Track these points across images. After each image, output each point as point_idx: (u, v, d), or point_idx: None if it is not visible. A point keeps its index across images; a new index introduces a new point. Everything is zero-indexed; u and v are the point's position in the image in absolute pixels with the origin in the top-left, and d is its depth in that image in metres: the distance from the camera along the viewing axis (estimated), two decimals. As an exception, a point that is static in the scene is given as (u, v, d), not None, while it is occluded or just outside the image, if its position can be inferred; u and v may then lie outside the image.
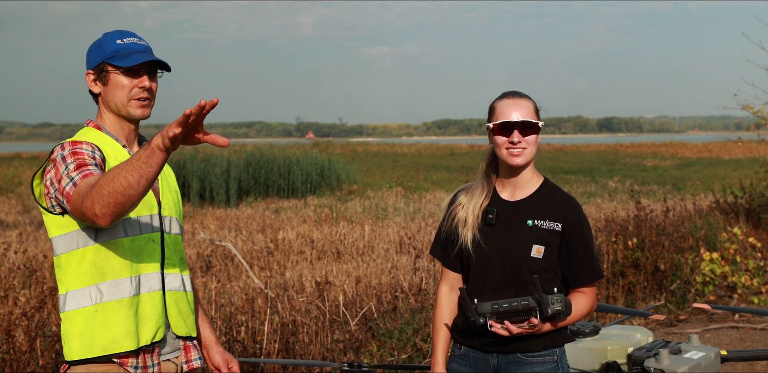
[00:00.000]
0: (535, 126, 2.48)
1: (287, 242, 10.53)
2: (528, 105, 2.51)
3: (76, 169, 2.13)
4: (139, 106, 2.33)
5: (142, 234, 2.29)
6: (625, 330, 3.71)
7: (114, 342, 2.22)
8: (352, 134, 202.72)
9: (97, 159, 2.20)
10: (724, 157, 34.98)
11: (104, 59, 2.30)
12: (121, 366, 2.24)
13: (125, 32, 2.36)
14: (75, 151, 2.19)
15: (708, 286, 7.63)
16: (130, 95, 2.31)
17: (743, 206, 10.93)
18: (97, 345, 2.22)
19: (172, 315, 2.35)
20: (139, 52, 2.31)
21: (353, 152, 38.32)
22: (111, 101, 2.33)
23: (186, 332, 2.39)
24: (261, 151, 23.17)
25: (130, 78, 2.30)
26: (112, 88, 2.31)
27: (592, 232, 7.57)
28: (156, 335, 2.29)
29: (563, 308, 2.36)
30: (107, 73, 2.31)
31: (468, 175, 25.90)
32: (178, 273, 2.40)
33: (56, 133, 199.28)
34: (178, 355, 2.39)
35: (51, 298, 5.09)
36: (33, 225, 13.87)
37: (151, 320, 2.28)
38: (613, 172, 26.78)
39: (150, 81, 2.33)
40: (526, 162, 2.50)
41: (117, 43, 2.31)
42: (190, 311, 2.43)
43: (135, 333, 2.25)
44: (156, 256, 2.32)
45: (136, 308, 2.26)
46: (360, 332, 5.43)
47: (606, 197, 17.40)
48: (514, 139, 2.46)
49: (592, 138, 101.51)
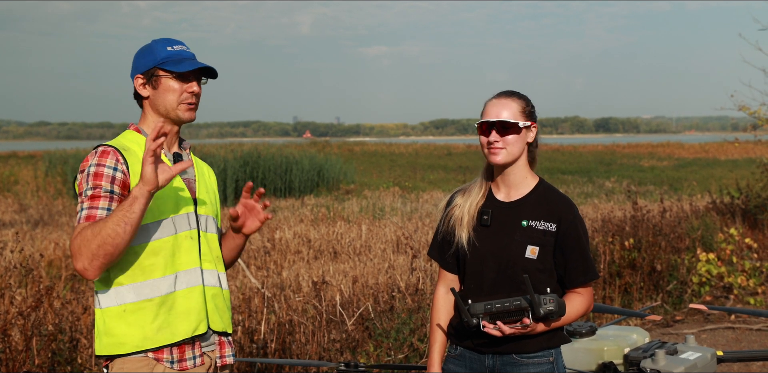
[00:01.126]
0: (514, 126, 2.48)
1: (284, 241, 10.53)
2: (513, 105, 2.51)
3: (90, 199, 2.28)
4: (188, 110, 2.45)
5: (179, 233, 2.39)
6: (621, 331, 3.72)
7: (146, 339, 2.30)
8: (350, 134, 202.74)
9: (117, 179, 2.31)
10: (720, 158, 35.03)
11: (155, 64, 2.43)
12: (157, 361, 2.32)
13: (173, 40, 2.49)
14: (97, 172, 2.30)
15: (704, 286, 7.65)
16: (180, 99, 2.44)
17: (740, 207, 10.95)
18: (128, 343, 2.30)
19: (210, 310, 2.43)
20: (189, 59, 2.45)
21: (350, 152, 38.31)
22: (161, 105, 2.44)
23: (222, 327, 2.47)
24: (258, 150, 23.16)
25: (180, 83, 2.43)
26: (162, 92, 2.43)
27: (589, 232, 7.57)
28: (197, 329, 2.37)
29: (556, 308, 2.35)
30: (158, 77, 2.43)
31: (465, 175, 25.93)
32: (215, 270, 2.48)
33: (53, 132, 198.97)
34: (213, 349, 2.46)
35: (47, 297, 5.09)
36: (29, 224, 13.85)
37: (190, 315, 2.36)
38: (610, 173, 26.82)
39: (197, 87, 2.47)
40: (505, 161, 2.50)
41: (168, 50, 2.44)
42: (226, 307, 2.51)
43: (169, 328, 2.32)
44: (194, 252, 2.41)
45: (171, 304, 2.33)
46: (357, 332, 5.43)
47: (603, 197, 17.43)
48: (491, 138, 2.49)
49: (589, 138, 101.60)
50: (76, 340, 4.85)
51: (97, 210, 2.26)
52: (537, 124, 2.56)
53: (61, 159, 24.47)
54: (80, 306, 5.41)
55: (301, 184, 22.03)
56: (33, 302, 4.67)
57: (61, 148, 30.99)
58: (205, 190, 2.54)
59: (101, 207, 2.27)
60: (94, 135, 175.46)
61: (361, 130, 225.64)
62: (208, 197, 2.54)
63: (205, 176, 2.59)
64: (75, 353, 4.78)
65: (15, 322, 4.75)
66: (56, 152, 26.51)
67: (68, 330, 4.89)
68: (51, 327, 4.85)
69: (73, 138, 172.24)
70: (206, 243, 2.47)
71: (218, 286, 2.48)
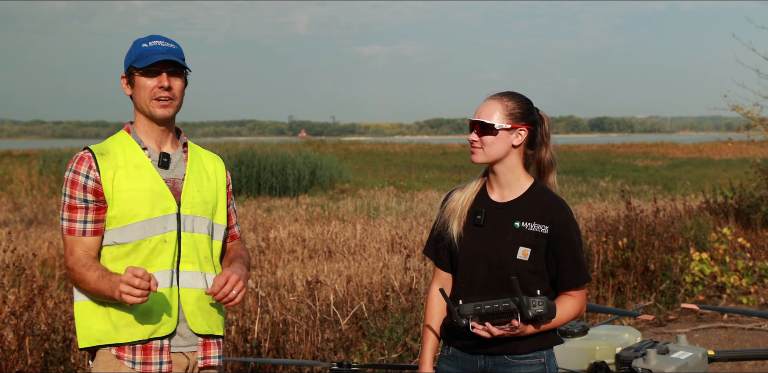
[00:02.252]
0: (490, 127, 2.48)
1: (279, 240, 10.52)
2: (497, 106, 2.50)
3: (68, 210, 2.39)
4: (160, 106, 2.41)
5: (152, 236, 2.37)
6: (613, 330, 3.73)
7: (106, 334, 2.33)
8: (345, 133, 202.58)
9: (88, 188, 2.37)
10: (714, 158, 35.11)
11: (131, 62, 2.42)
12: (118, 358, 2.33)
13: (154, 36, 2.47)
14: (73, 180, 2.38)
15: (697, 286, 7.67)
16: (151, 95, 2.40)
17: (733, 207, 10.99)
18: (92, 336, 2.35)
19: (189, 312, 2.40)
20: (159, 53, 2.40)
21: (345, 151, 38.30)
22: (138, 103, 2.44)
23: (206, 330, 2.43)
24: (253, 149, 23.13)
25: (151, 78, 2.40)
26: (138, 90, 2.43)
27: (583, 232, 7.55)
28: (157, 331, 2.34)
29: (545, 310, 2.33)
30: (133, 75, 2.42)
31: (460, 174, 25.94)
32: (199, 272, 2.43)
33: (48, 130, 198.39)
34: (194, 350, 2.43)
35: (40, 297, 5.08)
36: (23, 223, 13.81)
37: (151, 317, 2.34)
38: (605, 172, 26.85)
39: (171, 80, 2.41)
40: (481, 161, 2.51)
41: (142, 47, 2.42)
42: (213, 309, 2.46)
43: (127, 328, 2.32)
44: (166, 255, 2.38)
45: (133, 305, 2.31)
46: (350, 332, 5.44)
47: (597, 196, 17.45)
48: (470, 137, 2.51)
49: (583, 138, 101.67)
50: (69, 339, 4.84)
51: (76, 224, 2.37)
52: (534, 126, 2.52)
53: (55, 158, 24.40)
54: (73, 306, 5.39)
55: (296, 183, 22.00)
56: (26, 302, 4.66)
57: (55, 147, 30.94)
58: (197, 189, 2.47)
59: (78, 220, 2.37)
60: (89, 134, 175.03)
61: (357, 129, 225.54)
62: (200, 196, 2.47)
63: (204, 173, 2.52)
64: (68, 352, 4.78)
65: (8, 321, 4.74)
66: (51, 151, 26.46)
67: (61, 330, 4.88)
68: (44, 327, 4.85)
69: (68, 137, 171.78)
70: (191, 244, 2.42)
71: (203, 287, 2.43)
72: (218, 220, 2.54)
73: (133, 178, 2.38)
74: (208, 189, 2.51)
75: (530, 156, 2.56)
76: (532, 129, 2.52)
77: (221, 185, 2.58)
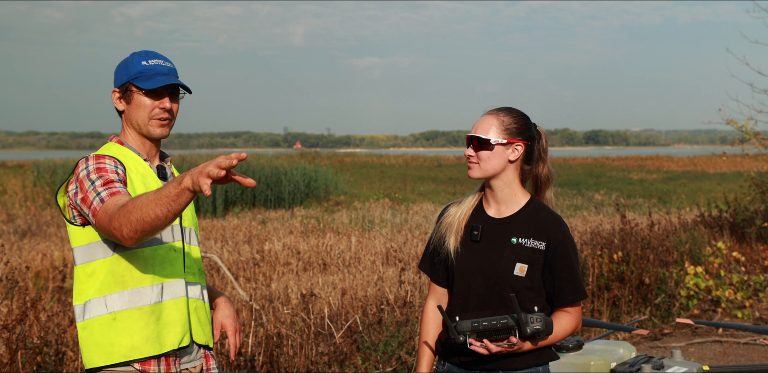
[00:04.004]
0: (486, 142, 2.48)
1: (273, 253, 10.50)
2: (494, 122, 2.50)
3: (104, 186, 2.21)
4: (159, 126, 2.43)
5: (164, 243, 2.38)
6: (608, 345, 3.72)
7: (134, 349, 2.29)
8: (340, 145, 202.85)
9: (120, 174, 2.30)
10: (709, 171, 35.23)
11: (129, 79, 2.41)
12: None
13: (151, 53, 2.46)
14: (99, 167, 2.28)
15: (692, 300, 7.67)
16: (151, 115, 2.42)
17: (728, 220, 11.01)
18: (116, 352, 2.29)
19: (194, 323, 2.43)
20: (162, 74, 2.41)
21: (341, 163, 38.32)
22: (133, 119, 2.43)
23: (205, 340, 2.47)
24: (248, 161, 23.12)
25: (152, 99, 2.41)
26: (134, 108, 2.42)
27: (578, 245, 7.54)
28: (182, 341, 2.37)
29: (543, 327, 2.33)
30: (131, 93, 2.42)
31: (455, 186, 25.96)
32: (198, 283, 2.48)
33: (42, 141, 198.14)
34: (196, 365, 2.45)
35: (33, 310, 5.05)
36: (17, 234, 13.76)
37: (177, 326, 2.36)
38: (600, 185, 26.91)
39: (171, 102, 2.44)
40: (477, 176, 2.51)
41: (142, 65, 2.41)
42: (207, 321, 2.51)
43: (157, 339, 2.32)
44: (179, 264, 2.40)
45: (158, 314, 2.33)
46: (345, 345, 5.42)
47: (592, 209, 17.47)
48: (466, 152, 2.51)
49: (578, 151, 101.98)
50: (62, 353, 4.81)
51: (116, 186, 2.20)
52: (531, 141, 2.52)
53: (49, 169, 24.36)
54: (66, 318, 5.37)
55: (291, 195, 21.98)
56: (18, 315, 4.64)
57: (50, 158, 30.86)
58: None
59: (119, 187, 2.21)
60: (83, 145, 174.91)
61: (352, 141, 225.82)
62: (190, 209, 2.54)
63: None
64: (61, 366, 4.75)
65: (0, 335, 4.71)
66: (45, 162, 26.39)
67: (54, 343, 4.86)
68: (36, 340, 4.82)
69: (63, 148, 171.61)
70: (189, 255, 2.47)
71: (201, 299, 2.48)
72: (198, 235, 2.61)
73: (143, 185, 2.40)
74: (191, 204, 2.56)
75: (527, 171, 2.56)
76: (528, 144, 2.52)
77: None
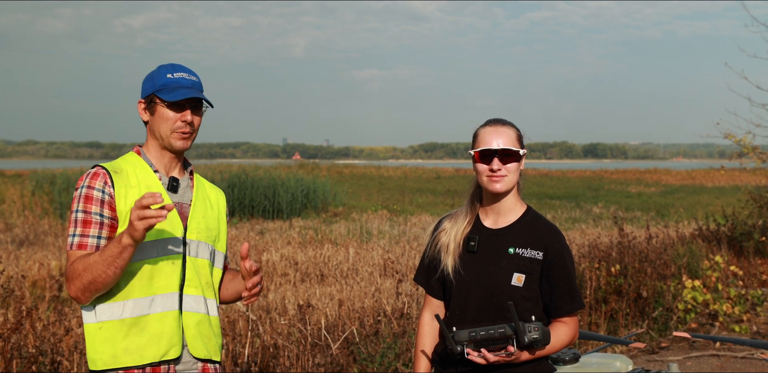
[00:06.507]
0: (515, 154, 2.48)
1: (271, 263, 10.48)
2: (510, 132, 2.51)
3: (82, 225, 2.35)
4: (180, 139, 2.46)
5: (160, 256, 2.39)
6: (605, 358, 3.71)
7: (114, 358, 2.32)
8: (339, 156, 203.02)
9: (104, 203, 2.36)
10: (707, 185, 35.27)
11: (153, 91, 2.45)
12: None
13: (178, 66, 2.50)
14: (87, 195, 2.36)
15: (690, 313, 7.65)
16: (173, 128, 2.45)
17: (725, 234, 11.01)
18: (99, 360, 2.34)
19: (190, 336, 2.41)
20: (185, 87, 2.45)
21: (339, 174, 38.34)
22: (156, 131, 2.47)
23: (205, 354, 2.45)
24: (246, 171, 23.14)
25: (174, 111, 2.44)
26: (157, 119, 2.46)
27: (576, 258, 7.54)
28: (167, 354, 2.35)
29: (540, 336, 2.33)
30: (155, 104, 2.46)
31: (454, 198, 25.97)
32: (201, 296, 2.46)
33: (41, 151, 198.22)
34: None
35: (28, 319, 5.03)
36: (14, 243, 13.73)
37: (161, 339, 2.35)
38: (598, 198, 26.93)
39: (193, 115, 2.47)
40: (506, 189, 2.50)
41: (167, 77, 2.45)
42: (213, 334, 2.49)
43: (137, 351, 2.32)
44: (174, 277, 2.40)
45: (143, 326, 2.34)
46: (341, 356, 5.40)
47: (590, 222, 17.47)
48: (494, 166, 2.47)
49: (577, 164, 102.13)
50: (58, 362, 4.79)
51: (88, 238, 2.34)
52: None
53: (47, 178, 24.33)
54: (62, 328, 5.35)
55: (290, 206, 21.97)
56: (14, 324, 4.62)
57: (48, 167, 30.85)
58: (202, 215, 2.53)
59: (92, 235, 2.34)
60: (82, 154, 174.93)
61: (351, 152, 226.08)
62: (205, 222, 2.52)
63: (208, 201, 2.58)
64: (56, 375, 4.72)
65: (-5, 343, 4.69)
66: (43, 171, 26.39)
67: (49, 352, 4.84)
68: (32, 349, 4.80)
69: (62, 157, 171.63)
70: (194, 268, 2.45)
71: (203, 312, 2.46)
72: (219, 247, 2.59)
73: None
74: (211, 217, 2.57)
75: (520, 180, 2.59)
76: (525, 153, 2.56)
77: (222, 215, 2.65)
